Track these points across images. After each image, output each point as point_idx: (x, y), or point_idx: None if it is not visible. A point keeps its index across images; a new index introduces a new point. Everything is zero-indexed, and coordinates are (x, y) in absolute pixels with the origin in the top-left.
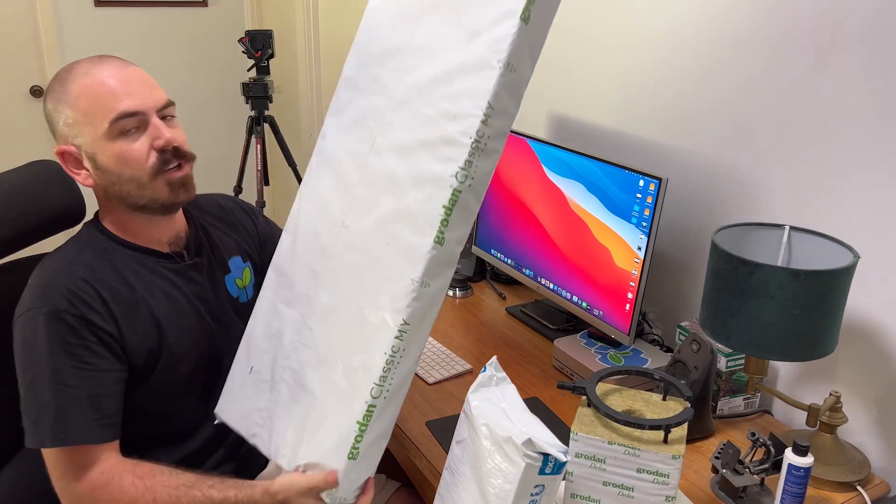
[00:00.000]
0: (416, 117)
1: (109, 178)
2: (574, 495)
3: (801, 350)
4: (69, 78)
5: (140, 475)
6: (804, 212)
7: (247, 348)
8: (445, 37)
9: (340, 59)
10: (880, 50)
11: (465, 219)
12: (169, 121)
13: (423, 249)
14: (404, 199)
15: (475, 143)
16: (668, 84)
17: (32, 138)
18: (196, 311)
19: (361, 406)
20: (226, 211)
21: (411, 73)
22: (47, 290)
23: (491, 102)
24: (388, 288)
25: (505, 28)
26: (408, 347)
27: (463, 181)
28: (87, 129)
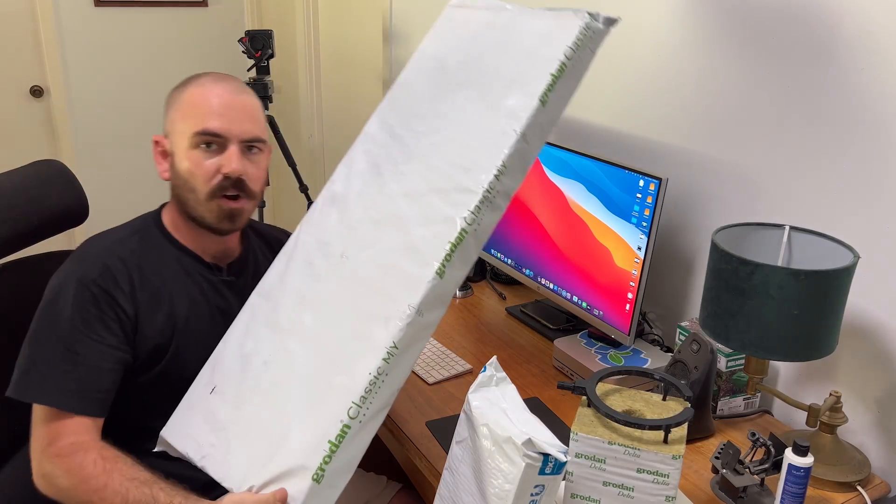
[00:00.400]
0: (430, 169)
1: (177, 179)
2: (574, 495)
3: (801, 350)
4: (190, 83)
5: (104, 457)
6: (804, 212)
7: (211, 370)
8: (466, 109)
9: (340, 60)
10: (880, 50)
11: (464, 261)
12: (252, 154)
13: (424, 279)
14: (409, 235)
15: (486, 192)
16: (669, 84)
17: (32, 138)
18: (214, 324)
19: (336, 425)
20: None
21: (430, 135)
22: (86, 257)
23: (505, 161)
24: (383, 311)
25: (524, 105)
26: (390, 374)
27: (471, 223)
28: (178, 130)
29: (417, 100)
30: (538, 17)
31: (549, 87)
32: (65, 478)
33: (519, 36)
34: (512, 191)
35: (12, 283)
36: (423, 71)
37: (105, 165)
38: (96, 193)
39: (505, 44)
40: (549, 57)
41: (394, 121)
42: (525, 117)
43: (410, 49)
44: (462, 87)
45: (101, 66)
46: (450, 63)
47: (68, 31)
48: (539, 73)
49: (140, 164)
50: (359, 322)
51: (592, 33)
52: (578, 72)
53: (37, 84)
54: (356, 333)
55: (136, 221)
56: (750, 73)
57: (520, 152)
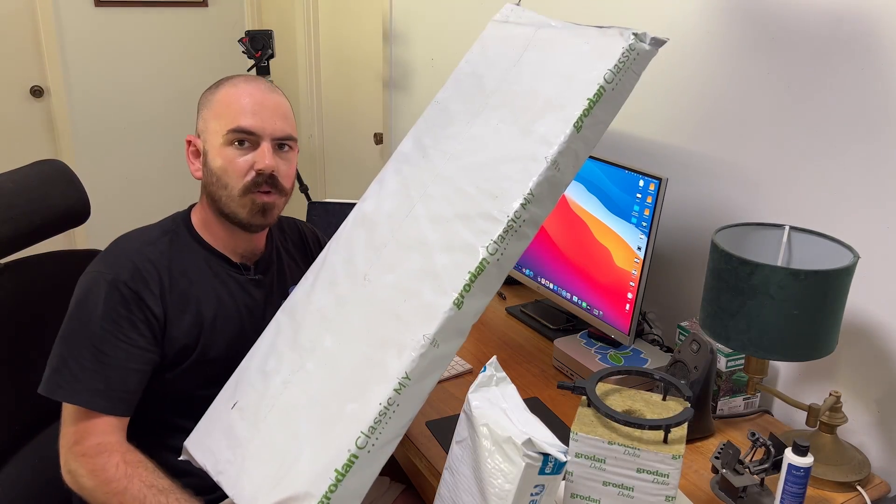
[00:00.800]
0: (457, 193)
1: (210, 177)
2: (574, 495)
3: (801, 350)
4: (223, 84)
5: (127, 461)
6: (804, 212)
7: (235, 384)
8: (500, 132)
9: (340, 59)
10: (880, 49)
11: (485, 291)
12: (284, 152)
13: (441, 309)
14: (431, 261)
15: (511, 221)
16: (668, 84)
17: (32, 138)
18: (240, 323)
19: (343, 454)
20: (303, 240)
21: (461, 157)
22: (118, 258)
23: (533, 190)
24: (398, 340)
25: (557, 130)
26: (402, 405)
27: (493, 253)
28: (211, 129)
29: (452, 120)
30: (581, 36)
31: (586, 112)
32: (88, 478)
33: (559, 56)
34: (540, 219)
35: (13, 282)
36: (459, 90)
37: (105, 165)
38: (96, 193)
39: (544, 64)
40: (587, 80)
41: (427, 140)
42: (557, 143)
43: (410, 49)
44: (497, 109)
45: (101, 66)
46: (487, 83)
47: (68, 31)
48: (576, 98)
49: (140, 163)
50: (375, 348)
51: (637, 55)
52: (620, 96)
53: (37, 84)
54: (371, 360)
55: (166, 222)
56: (750, 73)
57: (549, 180)
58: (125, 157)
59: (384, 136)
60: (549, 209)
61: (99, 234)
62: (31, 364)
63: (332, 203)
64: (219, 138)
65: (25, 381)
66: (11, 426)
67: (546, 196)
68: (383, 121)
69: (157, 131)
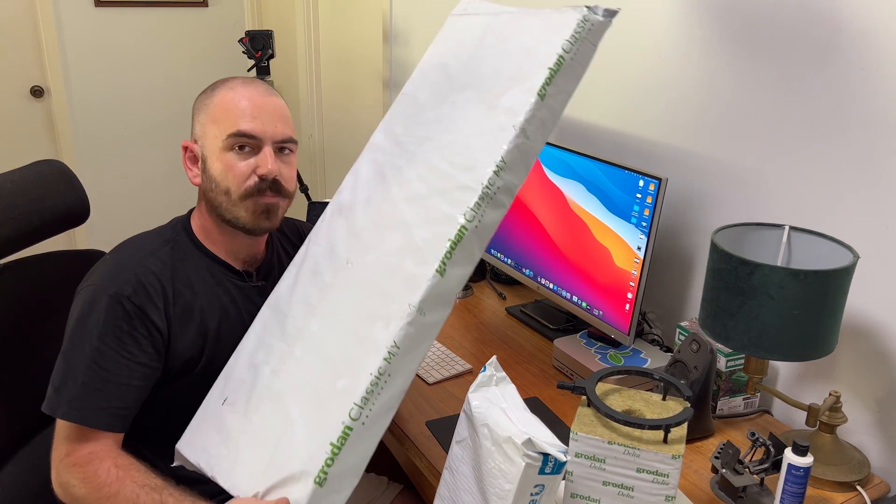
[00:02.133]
0: (432, 172)
1: (210, 183)
2: (574, 495)
3: (801, 350)
4: (218, 88)
5: (118, 465)
6: (804, 212)
7: (224, 382)
8: (467, 111)
9: (340, 60)
10: (880, 49)
11: (467, 259)
12: (285, 155)
13: (424, 277)
14: (411, 237)
15: (486, 188)
16: (668, 84)
17: (33, 138)
18: (245, 331)
19: (338, 427)
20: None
21: (432, 139)
22: (119, 272)
23: (504, 157)
24: (384, 314)
25: (522, 101)
26: (393, 375)
27: (471, 220)
28: (210, 134)
29: (421, 108)
30: (536, 16)
31: (547, 80)
32: (80, 486)
33: (518, 35)
34: (515, 187)
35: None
36: (426, 80)
37: (105, 165)
38: (96, 193)
39: (504, 44)
40: (546, 52)
41: (399, 129)
42: (523, 112)
43: (410, 49)
44: (463, 91)
45: (101, 66)
46: (452, 69)
47: (68, 31)
48: (537, 69)
49: (140, 164)
50: (361, 325)
51: (591, 26)
52: (579, 66)
53: (37, 84)
54: (359, 336)
55: (166, 229)
56: (750, 73)
57: (520, 147)
58: (125, 157)
59: None
60: (522, 177)
61: (99, 235)
62: (30, 364)
63: None
64: (218, 143)
65: (25, 381)
66: (11, 426)
67: (518, 164)
68: None
69: (157, 131)
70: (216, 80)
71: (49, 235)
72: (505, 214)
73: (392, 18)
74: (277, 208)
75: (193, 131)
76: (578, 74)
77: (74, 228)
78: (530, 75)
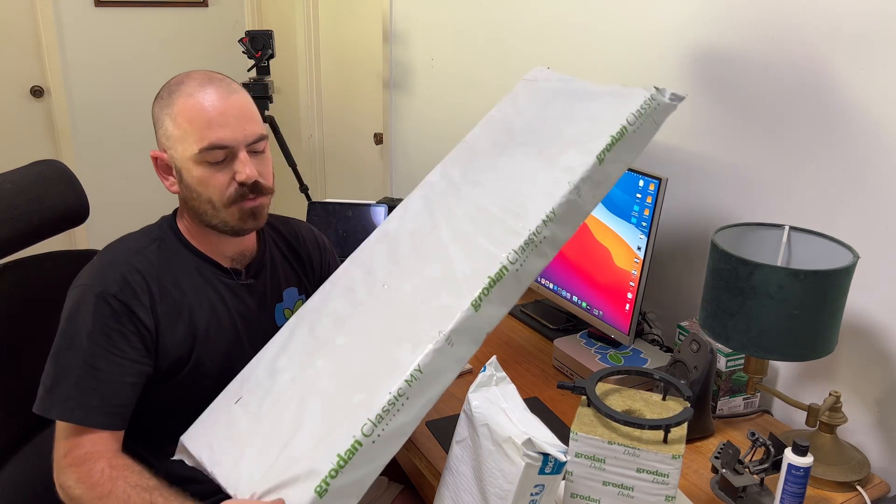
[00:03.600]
0: (481, 213)
1: (190, 193)
2: (574, 495)
3: (801, 350)
4: (176, 92)
5: (112, 465)
6: (804, 212)
7: (240, 383)
8: (524, 164)
9: (340, 60)
10: (880, 49)
11: (502, 300)
12: (256, 154)
13: (458, 308)
14: (451, 269)
15: (532, 235)
16: (668, 84)
17: (32, 138)
18: (234, 330)
19: (348, 440)
20: (300, 242)
21: (486, 184)
22: (105, 271)
23: (555, 209)
24: (413, 337)
25: (581, 160)
26: (412, 399)
27: (513, 263)
28: (180, 146)
29: (478, 156)
30: (606, 88)
31: (608, 147)
32: (76, 486)
33: (585, 103)
34: (560, 241)
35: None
36: (488, 132)
37: (105, 165)
38: (96, 193)
39: (571, 109)
40: (611, 121)
41: (454, 172)
42: (581, 171)
43: (410, 49)
44: (523, 146)
45: (101, 66)
46: (515, 126)
47: (68, 31)
48: (599, 134)
49: (140, 164)
50: (388, 345)
51: (657, 105)
52: (639, 140)
53: (37, 84)
54: (384, 356)
55: (153, 228)
56: (749, 73)
57: (571, 203)
58: (125, 158)
59: (384, 136)
60: (569, 233)
61: (99, 235)
62: (30, 364)
63: (332, 203)
64: (191, 156)
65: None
66: (11, 426)
67: (567, 218)
68: (383, 121)
69: None
70: (169, 82)
71: (49, 235)
72: (546, 266)
73: (392, 18)
74: (262, 208)
75: (159, 140)
76: (637, 148)
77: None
78: (592, 139)
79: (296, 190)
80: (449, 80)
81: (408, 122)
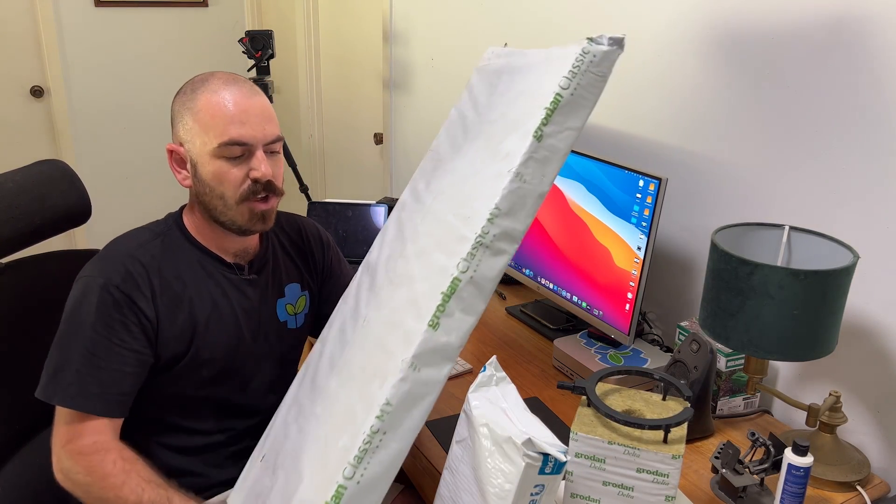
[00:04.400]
0: (439, 225)
1: (203, 188)
2: (574, 495)
3: (801, 350)
4: (200, 89)
5: (124, 458)
6: (804, 212)
7: (264, 439)
8: (475, 161)
9: (340, 60)
10: (880, 49)
11: (465, 311)
12: (272, 155)
13: (417, 332)
14: (414, 291)
15: (479, 237)
16: (668, 84)
17: (32, 138)
18: (236, 324)
19: (332, 486)
20: (302, 238)
21: (445, 191)
22: (109, 262)
23: (498, 205)
24: (383, 370)
25: (519, 145)
26: (389, 433)
27: (464, 271)
28: (198, 140)
29: (441, 162)
30: (542, 55)
31: (544, 121)
32: (84, 475)
33: (524, 77)
34: (517, 232)
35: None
36: (448, 134)
37: (105, 165)
38: (96, 193)
39: (512, 88)
40: (544, 91)
41: (421, 185)
42: (518, 155)
43: (410, 49)
44: (475, 141)
45: (101, 66)
46: (469, 120)
47: (68, 31)
48: (535, 110)
49: (140, 164)
50: (366, 383)
51: (593, 57)
52: (583, 99)
53: (37, 84)
54: (363, 394)
55: (159, 223)
56: (750, 72)
57: (516, 192)
58: (125, 158)
59: (384, 136)
60: (525, 221)
61: (99, 234)
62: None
63: (332, 203)
64: (208, 150)
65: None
66: (12, 426)
67: (516, 209)
68: (383, 121)
69: (156, 131)
70: (193, 79)
71: (49, 235)
72: (510, 259)
73: (392, 18)
74: (272, 211)
75: (177, 134)
76: (585, 107)
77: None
78: (529, 117)
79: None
80: (449, 80)
81: (408, 122)
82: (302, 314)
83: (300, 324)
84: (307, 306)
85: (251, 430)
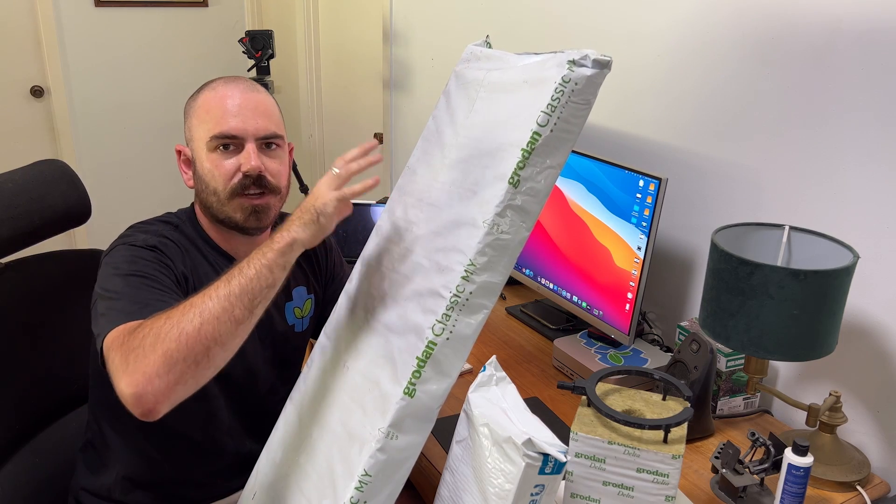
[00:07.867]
0: (414, 268)
1: (200, 185)
2: (574, 495)
3: (801, 350)
4: (204, 88)
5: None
6: (804, 212)
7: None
8: (450, 194)
9: (340, 60)
10: (880, 48)
11: (442, 373)
12: (270, 150)
13: (393, 400)
14: (390, 345)
15: (454, 297)
16: (668, 84)
17: (33, 138)
18: None
19: None
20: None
21: (420, 225)
22: (139, 234)
23: (473, 260)
24: (361, 435)
25: (494, 191)
26: (370, 500)
27: (440, 334)
28: (196, 135)
29: (417, 186)
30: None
31: (520, 164)
32: (140, 349)
33: (502, 101)
34: (495, 286)
35: (14, 282)
36: (425, 151)
37: (105, 165)
38: (96, 193)
39: (490, 111)
40: (522, 126)
41: (399, 212)
42: (493, 205)
43: (410, 49)
44: (452, 170)
45: (101, 66)
46: (446, 139)
47: (68, 31)
48: (509, 148)
49: (140, 164)
50: (345, 442)
51: (574, 85)
52: (564, 133)
53: (37, 84)
54: (342, 454)
55: (171, 217)
56: (750, 72)
57: (493, 245)
58: (125, 158)
59: (384, 136)
60: (504, 272)
61: (99, 234)
62: (31, 363)
63: None
64: (204, 144)
65: (26, 380)
66: (12, 426)
67: (495, 261)
68: (383, 121)
69: (157, 131)
70: (202, 86)
71: (49, 235)
72: (489, 314)
73: (392, 18)
74: (268, 208)
75: (185, 134)
76: (566, 142)
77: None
78: (505, 158)
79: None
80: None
81: (408, 122)
82: (307, 318)
83: (305, 327)
84: (312, 310)
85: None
